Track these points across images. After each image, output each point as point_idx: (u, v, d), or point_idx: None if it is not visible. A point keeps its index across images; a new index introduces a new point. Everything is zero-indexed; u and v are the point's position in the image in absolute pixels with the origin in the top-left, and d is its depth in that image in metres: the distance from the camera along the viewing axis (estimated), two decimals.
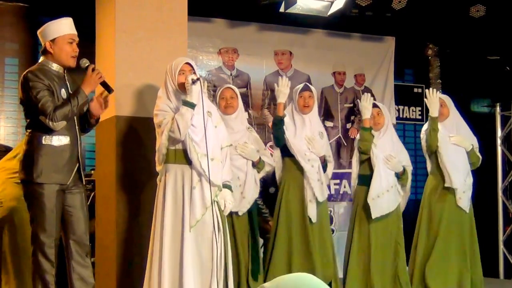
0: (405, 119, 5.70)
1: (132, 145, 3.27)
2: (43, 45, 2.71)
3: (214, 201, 2.70)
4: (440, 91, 5.59)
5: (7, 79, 4.50)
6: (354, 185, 3.70)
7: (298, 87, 3.56)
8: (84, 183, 2.73)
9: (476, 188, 5.55)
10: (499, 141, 5.48)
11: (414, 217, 3.88)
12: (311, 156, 3.40)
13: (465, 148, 3.75)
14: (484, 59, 5.60)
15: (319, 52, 5.21)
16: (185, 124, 2.67)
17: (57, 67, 2.68)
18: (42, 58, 2.72)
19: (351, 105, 5.39)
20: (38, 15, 4.57)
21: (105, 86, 2.68)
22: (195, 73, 2.77)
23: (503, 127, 5.49)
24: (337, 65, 5.34)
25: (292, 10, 4.53)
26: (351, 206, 3.73)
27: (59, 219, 2.63)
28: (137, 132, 3.23)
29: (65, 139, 2.63)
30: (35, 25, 4.58)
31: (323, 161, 3.48)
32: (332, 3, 4.54)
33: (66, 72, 2.71)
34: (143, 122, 3.28)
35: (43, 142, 2.61)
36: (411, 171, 3.72)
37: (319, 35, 5.26)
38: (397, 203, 3.61)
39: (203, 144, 2.68)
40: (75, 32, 2.71)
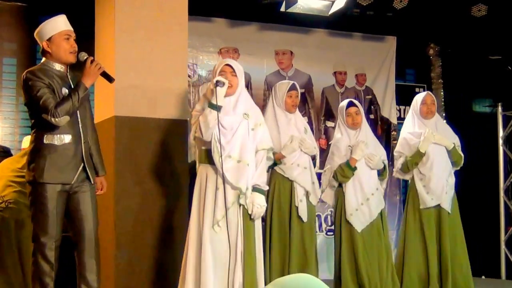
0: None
1: (131, 145, 3.25)
2: (40, 46, 2.69)
3: (237, 203, 2.71)
4: (441, 91, 5.58)
5: (5, 79, 4.47)
6: (323, 190, 3.62)
7: (282, 85, 3.50)
8: (93, 182, 2.66)
9: (477, 188, 5.56)
10: (500, 141, 5.46)
11: None
12: (301, 161, 3.39)
13: (447, 146, 3.69)
14: (485, 59, 5.59)
15: (320, 51, 5.19)
16: (207, 125, 2.70)
17: (57, 66, 2.66)
18: (43, 59, 2.70)
19: None
20: (36, 14, 4.54)
21: (105, 76, 2.66)
22: (236, 76, 2.79)
23: (504, 127, 5.47)
24: (338, 64, 5.32)
25: (293, 9, 4.52)
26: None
27: (60, 220, 2.60)
28: (137, 132, 3.22)
29: (67, 138, 2.60)
30: (34, 25, 4.52)
31: (313, 158, 3.48)
32: (333, 2, 4.53)
33: (68, 70, 2.68)
34: (143, 122, 3.27)
35: (45, 141, 2.59)
36: (388, 165, 3.70)
37: (320, 34, 5.24)
38: (382, 205, 3.58)
39: (229, 146, 2.71)
40: (71, 28, 2.68)
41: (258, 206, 2.74)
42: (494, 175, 5.42)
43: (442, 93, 5.56)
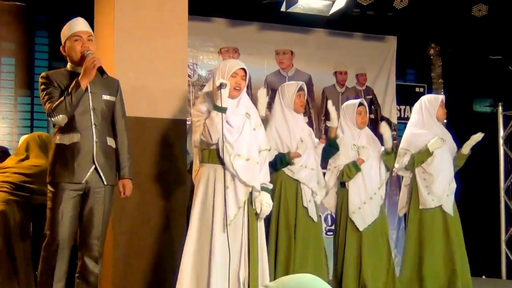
0: (406, 119, 5.63)
1: (131, 145, 3.22)
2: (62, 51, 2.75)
3: (247, 202, 2.71)
4: (442, 91, 5.57)
5: (3, 79, 4.45)
6: (330, 188, 3.64)
7: (291, 86, 3.52)
8: (105, 183, 2.64)
9: (478, 188, 5.55)
10: (501, 141, 5.46)
11: None
12: (309, 162, 3.40)
13: (453, 151, 3.76)
14: (486, 59, 5.58)
15: (320, 51, 5.18)
16: (215, 129, 2.69)
17: (72, 66, 2.69)
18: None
19: None
20: (35, 14, 4.52)
21: (100, 71, 2.64)
22: (245, 80, 2.79)
23: (505, 126, 5.47)
24: (339, 64, 5.31)
25: (293, 9, 4.51)
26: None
27: (70, 222, 2.59)
28: (136, 132, 3.19)
29: (76, 137, 2.60)
30: (32, 24, 4.56)
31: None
32: (333, 2, 4.52)
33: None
34: (142, 122, 3.25)
35: (57, 141, 2.63)
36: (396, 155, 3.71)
37: (321, 34, 5.23)
38: (379, 207, 3.60)
39: (237, 144, 2.70)
40: (82, 29, 2.69)
41: (266, 205, 2.75)
42: (494, 175, 5.42)
43: (442, 93, 5.55)
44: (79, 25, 2.69)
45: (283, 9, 4.53)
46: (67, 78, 2.64)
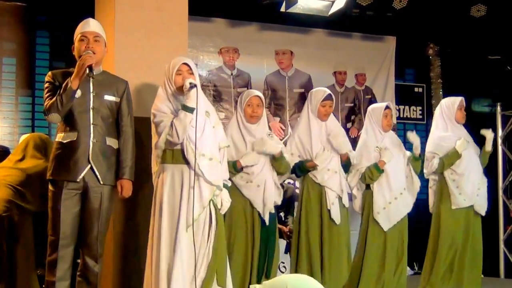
0: (405, 119, 5.69)
1: (135, 147, 3.24)
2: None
3: (211, 200, 2.70)
4: (441, 91, 5.59)
5: (5, 79, 4.47)
6: (356, 194, 3.65)
7: (318, 92, 3.55)
8: (101, 183, 2.65)
9: None
10: (499, 141, 5.47)
11: (426, 216, 3.87)
12: (331, 165, 3.41)
13: (488, 151, 3.80)
14: (485, 59, 5.59)
15: (320, 51, 5.20)
16: (184, 129, 2.66)
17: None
18: None
19: (352, 105, 5.37)
20: (36, 14, 4.54)
21: (89, 69, 2.64)
22: (192, 74, 2.75)
23: (503, 126, 5.49)
24: (338, 64, 5.32)
25: (293, 9, 4.52)
26: (350, 206, 3.72)
27: (70, 220, 2.60)
28: (136, 132, 3.20)
29: (72, 135, 2.62)
30: (33, 24, 4.58)
31: (346, 158, 3.50)
32: (333, 2, 4.54)
33: (92, 71, 2.65)
34: (142, 122, 3.26)
35: (56, 139, 2.66)
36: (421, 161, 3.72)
37: (320, 34, 5.25)
38: (410, 206, 3.61)
39: (200, 144, 2.68)
40: (89, 29, 2.71)
41: (226, 200, 2.77)
42: (493, 174, 5.43)
43: (441, 93, 5.57)
44: (88, 25, 2.72)
45: (282, 9, 4.55)
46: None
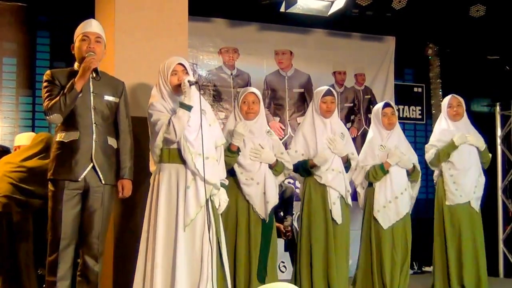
0: (405, 119, 5.70)
1: (133, 147, 3.24)
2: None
3: (208, 199, 2.69)
4: (440, 90, 5.60)
5: (5, 79, 4.47)
6: (360, 191, 3.69)
7: (320, 90, 3.56)
8: (103, 182, 2.65)
9: None
10: (499, 141, 5.48)
11: (426, 216, 3.89)
12: (334, 165, 3.41)
13: (479, 147, 3.79)
14: (484, 59, 5.60)
15: (319, 51, 5.20)
16: (182, 126, 2.66)
17: (78, 66, 2.70)
18: None
19: (351, 105, 5.38)
20: (36, 14, 4.55)
21: (96, 73, 2.67)
22: (187, 73, 2.75)
23: (503, 126, 5.49)
24: (338, 64, 5.33)
25: (292, 9, 4.53)
26: (355, 205, 3.73)
27: (71, 221, 2.61)
28: (136, 132, 3.21)
29: (74, 135, 2.62)
30: (34, 24, 4.59)
31: (346, 161, 3.50)
32: (332, 3, 4.54)
33: (95, 73, 2.67)
34: (142, 122, 3.26)
35: (56, 139, 2.65)
36: (420, 171, 3.75)
37: (320, 34, 5.25)
38: (409, 207, 3.64)
39: (197, 143, 2.67)
40: (91, 30, 2.72)
41: (224, 200, 2.77)
42: (492, 174, 5.44)
43: (440, 93, 5.58)
44: (90, 26, 2.73)
45: (282, 9, 4.55)
46: (70, 77, 2.65)
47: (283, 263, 4.48)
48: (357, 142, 4.96)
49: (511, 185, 5.54)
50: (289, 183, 4.63)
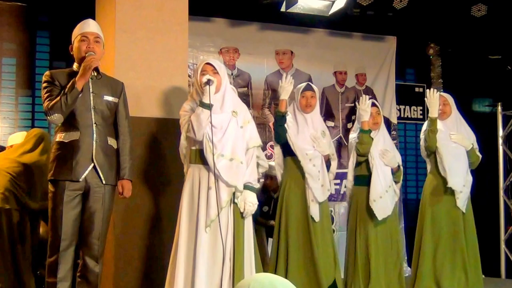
0: (406, 119, 5.69)
1: (133, 147, 3.23)
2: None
3: (231, 201, 2.70)
4: (441, 90, 5.59)
5: (4, 79, 4.47)
6: (350, 187, 3.70)
7: (300, 86, 3.58)
8: (104, 182, 2.65)
9: (477, 187, 5.54)
10: (500, 141, 5.47)
11: (415, 216, 3.88)
12: (313, 154, 3.40)
13: (465, 147, 3.75)
14: (485, 59, 5.59)
15: (320, 51, 5.19)
16: (199, 125, 2.69)
17: (77, 67, 2.70)
18: None
19: (352, 105, 5.37)
20: (36, 15, 4.54)
21: (97, 72, 2.66)
22: (217, 73, 2.78)
23: (504, 126, 5.48)
24: (338, 64, 5.32)
25: (293, 9, 4.52)
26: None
27: (71, 222, 2.60)
28: (136, 132, 3.20)
29: (75, 135, 2.61)
30: (33, 25, 4.58)
31: (327, 160, 3.50)
32: (333, 2, 4.53)
33: (95, 73, 2.67)
34: (142, 122, 3.26)
35: (57, 139, 2.65)
36: (402, 170, 3.74)
37: (320, 34, 5.24)
38: (394, 203, 3.63)
39: (221, 144, 2.69)
40: (89, 30, 2.72)
41: (250, 204, 2.73)
42: (494, 174, 5.43)
43: (442, 92, 5.57)
44: (88, 26, 2.72)
45: (283, 9, 4.54)
46: (70, 78, 2.65)
47: None
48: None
49: None
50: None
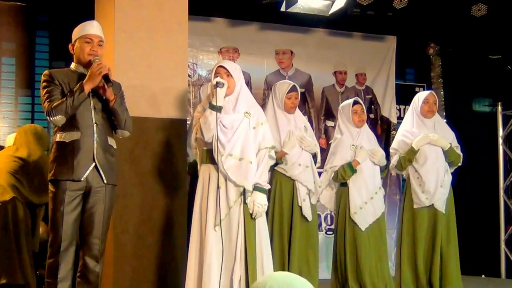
0: None
1: (131, 145, 3.24)
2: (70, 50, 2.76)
3: (241, 202, 2.71)
4: (441, 90, 5.58)
5: (4, 79, 4.46)
6: (323, 189, 3.62)
7: (282, 85, 3.51)
8: (105, 182, 2.64)
9: (477, 187, 5.55)
10: (500, 141, 5.47)
11: None
12: (304, 159, 3.38)
13: (443, 147, 3.67)
14: (485, 58, 5.59)
15: (320, 51, 5.18)
16: (208, 126, 2.72)
17: (80, 68, 2.69)
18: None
19: None
20: (35, 14, 4.54)
21: (105, 79, 2.65)
22: (230, 76, 2.80)
23: (504, 126, 5.48)
24: (338, 64, 5.31)
25: (293, 9, 4.51)
26: None
27: (72, 222, 2.60)
28: (136, 131, 3.20)
29: (76, 134, 2.61)
30: (33, 24, 4.57)
31: (314, 156, 3.48)
32: (333, 2, 4.53)
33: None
34: (142, 122, 3.26)
35: (57, 139, 2.64)
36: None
37: (320, 34, 5.24)
38: (383, 206, 3.61)
39: (230, 144, 2.72)
40: (94, 33, 2.70)
41: (259, 205, 2.74)
42: (494, 174, 5.42)
43: (442, 93, 5.56)
44: (93, 28, 2.71)
45: (283, 9, 4.54)
46: (69, 77, 2.65)
47: None
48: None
49: None
50: None
